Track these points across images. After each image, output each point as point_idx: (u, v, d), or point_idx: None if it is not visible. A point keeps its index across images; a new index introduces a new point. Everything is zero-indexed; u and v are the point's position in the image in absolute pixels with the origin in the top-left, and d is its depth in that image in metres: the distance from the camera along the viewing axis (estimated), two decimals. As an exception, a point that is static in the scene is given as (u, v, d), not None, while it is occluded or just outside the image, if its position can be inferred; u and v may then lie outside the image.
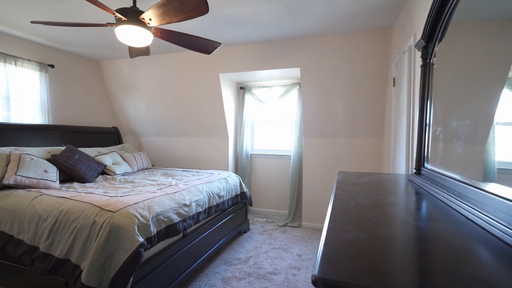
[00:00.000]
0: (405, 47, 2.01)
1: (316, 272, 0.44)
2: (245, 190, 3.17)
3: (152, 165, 3.85)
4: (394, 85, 2.43)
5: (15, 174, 2.11)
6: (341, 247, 0.55)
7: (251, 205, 3.31)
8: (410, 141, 1.91)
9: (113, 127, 4.11)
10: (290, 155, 3.79)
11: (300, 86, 3.58)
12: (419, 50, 1.35)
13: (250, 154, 4.07)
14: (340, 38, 2.87)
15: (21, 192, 2.02)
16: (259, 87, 3.96)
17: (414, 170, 1.36)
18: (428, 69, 1.29)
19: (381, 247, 0.56)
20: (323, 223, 3.35)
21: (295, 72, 3.34)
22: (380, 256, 0.52)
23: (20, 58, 3.00)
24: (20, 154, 2.28)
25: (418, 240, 0.61)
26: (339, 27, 2.68)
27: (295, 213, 3.60)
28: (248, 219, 3.33)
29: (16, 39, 3.00)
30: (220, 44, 2.22)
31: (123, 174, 3.04)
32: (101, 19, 2.47)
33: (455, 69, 1.13)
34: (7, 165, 2.19)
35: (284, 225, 3.47)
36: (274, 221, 3.65)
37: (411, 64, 1.88)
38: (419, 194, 1.07)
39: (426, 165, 1.27)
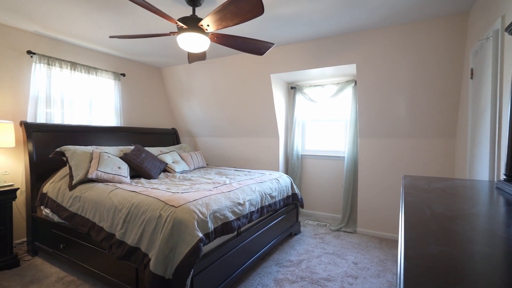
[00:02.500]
0: (489, 32, 1.72)
1: (402, 290, 0.39)
2: (296, 192, 3.12)
3: (207, 164, 4.06)
4: (472, 77, 2.11)
5: (97, 170, 2.44)
6: (425, 262, 0.48)
7: (302, 207, 3.24)
8: (495, 141, 1.62)
9: (172, 128, 4.46)
10: (343, 156, 3.60)
11: (355, 84, 3.38)
12: (510, 34, 1.14)
13: (301, 154, 3.99)
14: (402, 29, 2.61)
15: (100, 185, 2.32)
16: (310, 86, 3.85)
17: (504, 177, 1.15)
18: (524, 56, 1.08)
19: (479, 267, 0.47)
20: (381, 230, 3.13)
21: (350, 68, 3.16)
22: (480, 278, 0.44)
23: (100, 69, 3.46)
24: (100, 152, 2.62)
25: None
26: (402, 16, 2.44)
27: (349, 218, 3.40)
28: (299, 221, 3.27)
29: (96, 52, 3.48)
30: (273, 44, 2.22)
31: (181, 172, 3.27)
32: (163, 29, 2.70)
33: None
34: (90, 162, 2.54)
35: (337, 230, 3.31)
36: (326, 225, 3.51)
37: (497, 51, 1.60)
38: (514, 205, 0.90)
39: (521, 170, 1.06)
